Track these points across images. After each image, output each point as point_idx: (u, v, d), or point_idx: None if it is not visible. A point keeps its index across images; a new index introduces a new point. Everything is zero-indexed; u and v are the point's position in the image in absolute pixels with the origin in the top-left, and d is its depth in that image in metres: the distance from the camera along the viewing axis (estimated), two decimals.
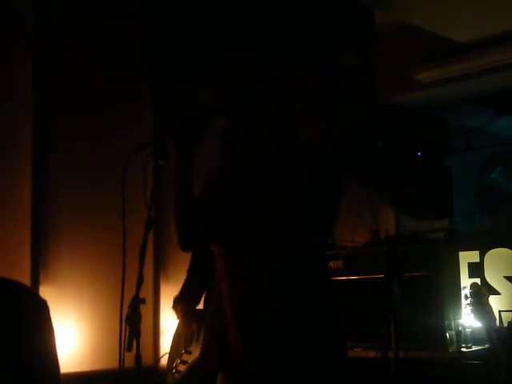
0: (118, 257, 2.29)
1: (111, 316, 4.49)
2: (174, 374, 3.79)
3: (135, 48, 4.92)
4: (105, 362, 4.41)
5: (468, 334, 4.55)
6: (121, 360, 2.17)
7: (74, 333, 4.48)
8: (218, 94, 2.43)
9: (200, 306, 3.89)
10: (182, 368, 3.77)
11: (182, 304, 3.83)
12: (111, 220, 4.64)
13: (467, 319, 4.56)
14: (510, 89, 6.03)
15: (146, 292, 2.14)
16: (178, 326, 3.93)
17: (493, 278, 4.77)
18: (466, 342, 4.50)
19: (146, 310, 2.22)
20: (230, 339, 2.39)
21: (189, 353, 3.76)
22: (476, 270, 4.82)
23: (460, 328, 4.51)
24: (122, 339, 2.18)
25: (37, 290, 4.24)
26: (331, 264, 4.80)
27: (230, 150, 2.49)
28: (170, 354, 3.92)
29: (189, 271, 3.92)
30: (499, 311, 4.36)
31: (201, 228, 2.46)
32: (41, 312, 2.45)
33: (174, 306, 3.88)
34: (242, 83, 2.40)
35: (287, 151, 2.41)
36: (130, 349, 2.15)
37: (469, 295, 4.27)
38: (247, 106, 2.38)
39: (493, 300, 4.40)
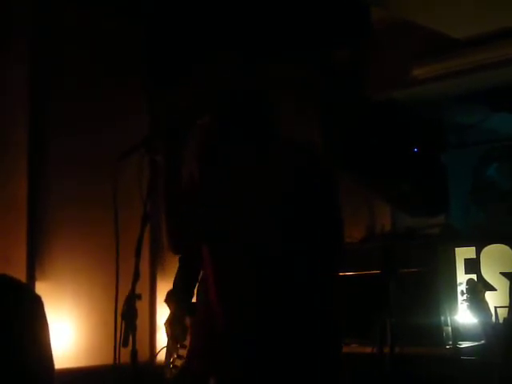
0: (114, 252, 2.29)
1: (107, 312, 4.50)
2: (171, 369, 3.79)
3: (134, 47, 4.92)
4: (101, 357, 4.41)
5: (464, 330, 4.55)
6: (117, 356, 2.17)
7: (71, 328, 4.48)
8: (201, 95, 2.42)
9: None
10: (178, 363, 3.77)
11: (176, 300, 3.82)
12: (107, 215, 4.65)
13: (463, 315, 4.57)
14: (506, 85, 6.03)
15: (143, 287, 2.15)
16: (170, 318, 3.91)
17: (489, 274, 4.78)
18: (462, 337, 4.50)
19: (142, 306, 2.22)
20: (218, 341, 2.40)
21: (184, 347, 3.75)
22: (472, 266, 4.83)
23: (456, 324, 4.52)
24: (118, 335, 2.17)
25: (33, 285, 4.24)
26: None
27: (207, 151, 2.47)
28: (168, 348, 3.92)
29: (180, 260, 3.89)
30: (495, 307, 4.37)
31: (189, 229, 2.46)
32: (35, 307, 2.45)
33: (167, 301, 3.88)
34: (222, 85, 2.40)
35: (263, 152, 2.39)
36: (125, 344, 2.15)
37: (465, 291, 4.29)
38: (226, 108, 2.38)
39: (489, 296, 4.42)
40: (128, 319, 2.18)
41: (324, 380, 2.33)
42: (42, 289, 4.20)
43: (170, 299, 3.86)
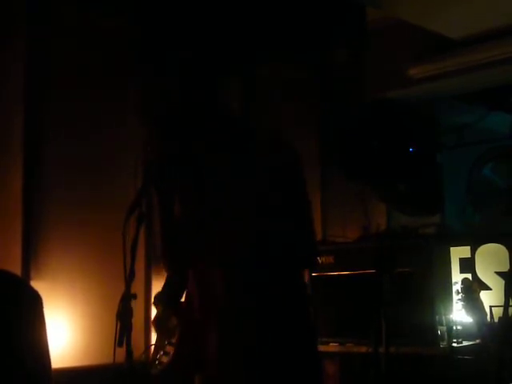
0: (110, 252, 2.30)
1: (103, 311, 4.51)
2: (157, 365, 3.80)
3: (133, 47, 4.92)
4: (97, 357, 4.41)
5: (459, 329, 4.56)
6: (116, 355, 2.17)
7: (66, 328, 4.48)
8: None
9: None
10: (164, 360, 3.78)
11: (163, 301, 3.82)
12: (102, 215, 4.65)
13: (458, 314, 4.57)
14: (502, 85, 6.04)
15: (138, 287, 2.14)
16: (156, 316, 3.91)
17: (484, 273, 4.79)
18: (457, 337, 4.51)
19: (137, 305, 2.22)
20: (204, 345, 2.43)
21: (171, 345, 3.76)
22: (467, 265, 4.83)
23: (451, 323, 4.53)
24: (114, 334, 2.18)
25: None
26: (322, 259, 4.80)
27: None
28: (156, 344, 3.93)
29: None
30: (490, 306, 4.37)
31: (187, 250, 2.48)
32: (33, 304, 2.45)
33: (155, 303, 3.88)
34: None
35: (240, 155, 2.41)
36: (120, 344, 2.15)
37: (460, 290, 4.30)
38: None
39: (484, 295, 4.43)
40: (123, 319, 2.18)
41: (304, 378, 2.36)
42: (37, 288, 4.18)
43: (157, 300, 3.87)
